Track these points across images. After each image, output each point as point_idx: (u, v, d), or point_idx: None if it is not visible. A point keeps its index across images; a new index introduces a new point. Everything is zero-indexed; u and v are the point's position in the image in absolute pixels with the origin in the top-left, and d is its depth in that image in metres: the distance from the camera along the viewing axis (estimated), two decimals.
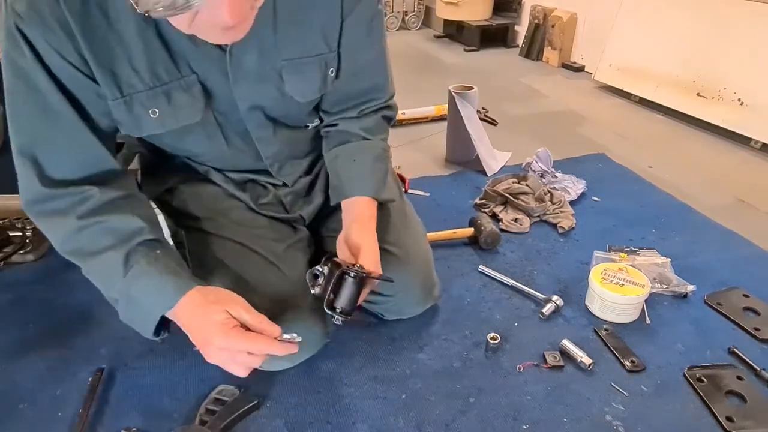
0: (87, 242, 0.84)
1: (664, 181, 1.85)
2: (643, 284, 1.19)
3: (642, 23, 2.59)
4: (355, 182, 1.05)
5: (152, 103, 0.84)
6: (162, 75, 0.82)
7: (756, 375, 1.06)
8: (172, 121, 0.87)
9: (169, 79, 0.83)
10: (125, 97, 0.82)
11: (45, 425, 0.94)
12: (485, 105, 2.39)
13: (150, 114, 0.84)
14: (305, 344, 0.90)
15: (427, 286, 1.16)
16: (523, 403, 1.00)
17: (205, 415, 0.93)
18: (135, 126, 0.85)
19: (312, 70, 0.94)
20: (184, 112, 0.87)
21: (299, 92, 0.95)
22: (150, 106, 0.84)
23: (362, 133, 1.06)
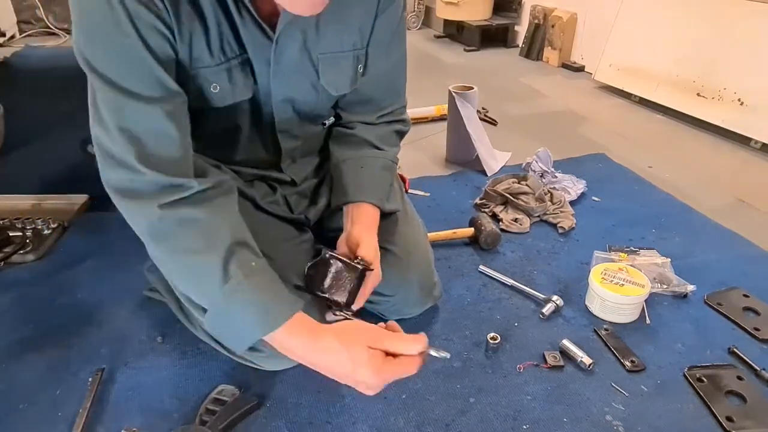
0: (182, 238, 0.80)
1: (664, 181, 1.85)
2: (643, 284, 1.20)
3: (642, 23, 2.59)
4: (360, 189, 1.06)
5: (215, 78, 0.86)
6: (227, 52, 0.85)
7: (756, 375, 1.06)
8: (229, 96, 0.90)
9: (231, 56, 0.86)
10: (193, 71, 0.84)
11: (45, 425, 0.94)
12: (485, 105, 2.39)
13: (212, 89, 0.87)
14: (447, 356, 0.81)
15: (427, 286, 1.16)
16: (523, 403, 1.00)
17: (205, 415, 0.93)
18: (195, 97, 0.87)
19: (346, 64, 0.98)
20: (240, 89, 0.90)
21: (333, 85, 0.98)
22: (213, 81, 0.87)
23: (375, 141, 1.09)
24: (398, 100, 1.12)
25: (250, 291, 0.78)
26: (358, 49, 0.98)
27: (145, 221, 0.81)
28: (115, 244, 1.41)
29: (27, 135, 2.04)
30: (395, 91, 1.11)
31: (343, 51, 0.96)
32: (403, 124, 1.15)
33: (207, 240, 0.80)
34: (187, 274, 0.82)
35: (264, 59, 0.89)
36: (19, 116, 2.11)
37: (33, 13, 3.65)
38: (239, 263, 0.79)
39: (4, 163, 1.87)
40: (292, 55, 0.91)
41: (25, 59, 3.12)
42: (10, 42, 3.48)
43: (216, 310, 0.80)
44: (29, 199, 1.59)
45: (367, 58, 1.01)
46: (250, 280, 0.79)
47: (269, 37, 0.86)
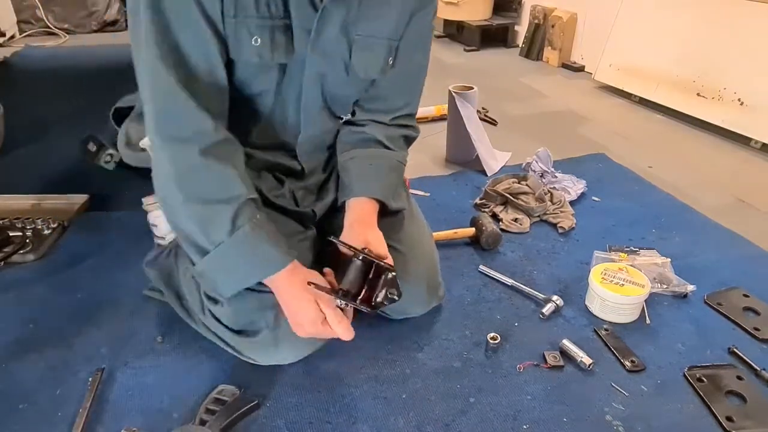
0: (203, 185, 0.89)
1: (664, 181, 1.85)
2: (643, 284, 1.20)
3: (642, 23, 2.59)
4: (365, 183, 1.07)
5: (258, 31, 0.89)
6: (273, 11, 0.89)
7: (756, 375, 1.06)
8: (267, 54, 0.91)
9: (277, 16, 0.89)
10: (238, 17, 0.87)
11: (45, 425, 0.94)
12: (485, 105, 2.39)
13: (252, 42, 0.89)
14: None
15: (432, 285, 1.16)
16: (523, 403, 1.00)
17: (205, 415, 0.93)
18: (236, 48, 0.90)
19: (379, 50, 1.01)
20: (279, 51, 0.92)
21: (362, 68, 1.01)
22: (254, 34, 0.89)
23: (385, 141, 1.10)
24: (411, 103, 1.14)
25: (255, 241, 0.90)
26: (393, 39, 1.01)
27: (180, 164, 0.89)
28: (115, 244, 1.41)
29: (27, 135, 2.04)
30: (411, 94, 1.13)
31: (379, 37, 0.99)
32: (413, 130, 1.17)
33: (224, 192, 0.90)
34: (198, 220, 0.90)
35: (305, 28, 0.92)
36: (19, 116, 2.11)
37: (33, 13, 3.65)
38: (247, 217, 0.89)
39: (4, 163, 1.87)
40: (333, 30, 0.94)
41: (25, 59, 3.12)
42: (10, 42, 3.48)
43: (220, 253, 0.90)
44: (29, 199, 1.59)
45: (398, 52, 1.03)
46: (255, 233, 0.90)
47: (315, 7, 0.90)
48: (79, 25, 3.75)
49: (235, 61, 0.93)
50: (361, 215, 1.05)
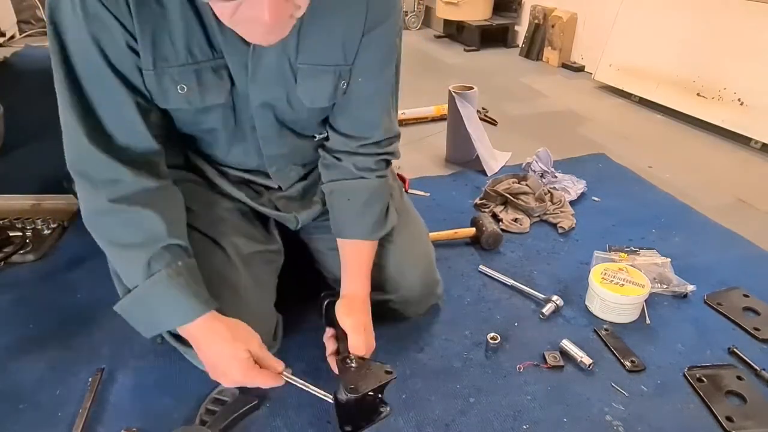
0: (112, 230, 0.87)
1: (664, 181, 1.85)
2: (643, 284, 1.20)
3: (642, 23, 2.59)
4: (348, 225, 1.05)
5: (182, 78, 0.86)
6: (196, 54, 0.84)
7: (756, 375, 1.06)
8: (197, 99, 0.88)
9: (202, 59, 0.85)
10: (157, 69, 0.83)
11: (45, 425, 0.94)
12: (485, 105, 2.40)
13: (178, 89, 0.86)
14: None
15: (428, 284, 1.16)
16: (523, 403, 1.00)
17: (205, 415, 0.93)
18: (162, 98, 0.87)
19: (326, 78, 0.95)
20: (211, 93, 0.89)
21: (309, 97, 0.95)
22: (179, 82, 0.86)
23: (361, 173, 1.04)
24: (377, 130, 1.04)
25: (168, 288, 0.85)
26: (341, 65, 0.94)
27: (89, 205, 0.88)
28: None
29: (27, 135, 2.04)
30: (374, 120, 1.03)
31: (324, 65, 0.93)
32: (389, 155, 1.08)
33: (137, 236, 0.86)
34: (116, 259, 0.90)
35: (241, 64, 0.87)
36: (19, 116, 2.11)
37: (33, 13, 3.65)
38: (164, 262, 0.85)
39: (4, 163, 1.87)
40: (271, 62, 0.89)
41: (25, 59, 3.12)
42: (10, 42, 3.48)
43: (134, 296, 0.87)
44: (29, 199, 1.59)
45: (351, 76, 0.96)
46: (172, 281, 0.85)
47: (246, 42, 0.84)
48: None
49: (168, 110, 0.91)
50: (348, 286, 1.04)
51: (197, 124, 0.96)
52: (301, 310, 1.20)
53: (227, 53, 0.86)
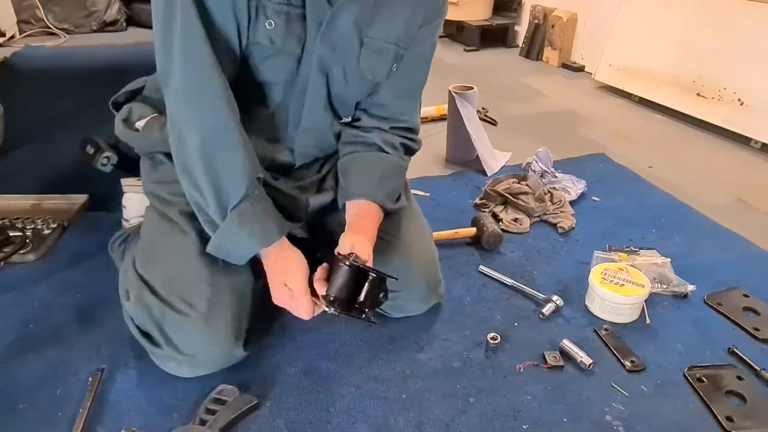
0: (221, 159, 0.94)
1: (664, 181, 1.85)
2: (643, 284, 1.19)
3: (642, 23, 2.59)
4: (362, 185, 1.07)
5: (273, 15, 0.92)
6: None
7: (756, 375, 1.06)
8: (279, 39, 0.94)
9: (296, 4, 0.93)
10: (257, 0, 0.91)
11: (45, 425, 0.94)
12: (485, 105, 2.39)
13: (266, 24, 0.93)
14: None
15: (431, 282, 1.16)
16: (523, 403, 1.00)
17: (205, 415, 0.93)
18: (252, 27, 0.93)
19: (387, 55, 1.03)
20: (292, 39, 0.95)
21: (370, 69, 1.03)
22: (270, 17, 0.92)
23: (384, 146, 1.12)
24: (410, 114, 1.15)
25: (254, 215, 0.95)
26: (400, 46, 1.04)
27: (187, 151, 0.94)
28: None
29: (27, 135, 2.04)
30: (409, 104, 1.15)
31: (388, 42, 1.02)
32: (414, 142, 1.18)
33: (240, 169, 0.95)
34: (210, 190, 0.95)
35: (317, 20, 0.94)
36: (19, 116, 2.11)
37: (33, 13, 3.65)
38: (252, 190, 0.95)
39: (4, 163, 1.87)
40: (344, 26, 0.96)
41: (25, 59, 3.12)
42: (10, 42, 3.48)
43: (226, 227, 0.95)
44: (29, 199, 1.59)
45: (402, 61, 1.06)
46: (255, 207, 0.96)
47: (330, 1, 0.93)
48: (79, 25, 3.75)
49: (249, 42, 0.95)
50: (355, 221, 1.06)
51: (259, 72, 1.00)
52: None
53: (309, 6, 0.93)
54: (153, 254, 1.04)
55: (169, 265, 1.01)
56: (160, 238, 1.05)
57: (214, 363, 1.01)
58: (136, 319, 1.00)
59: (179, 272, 1.00)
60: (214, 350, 0.99)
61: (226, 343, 0.99)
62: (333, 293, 0.93)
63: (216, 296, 0.98)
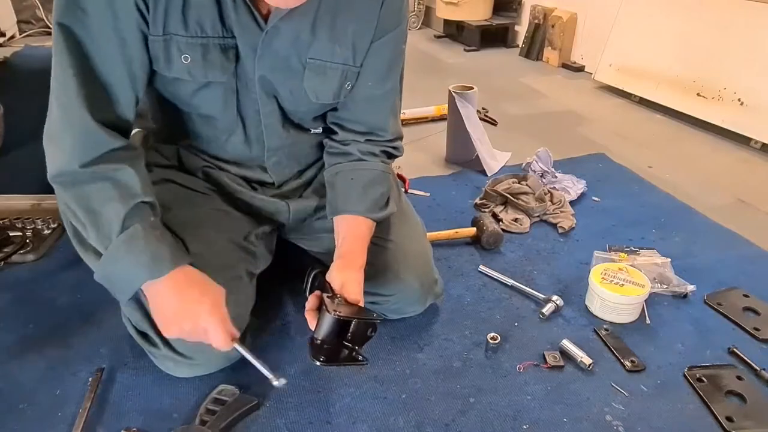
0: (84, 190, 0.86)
1: (664, 181, 1.85)
2: (643, 284, 1.19)
3: (642, 23, 2.59)
4: (347, 200, 1.06)
5: (187, 49, 0.88)
6: (206, 29, 0.87)
7: (756, 375, 1.06)
8: (200, 72, 0.90)
9: (211, 35, 0.87)
10: (166, 36, 0.85)
11: (45, 425, 0.94)
12: (485, 105, 2.39)
13: (182, 59, 0.88)
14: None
15: (426, 283, 1.15)
16: (523, 403, 1.00)
17: (205, 415, 0.93)
18: (166, 65, 0.89)
19: (333, 76, 0.98)
20: (214, 69, 0.90)
21: (314, 92, 0.99)
22: (184, 52, 0.88)
23: (364, 156, 1.08)
24: (385, 131, 1.09)
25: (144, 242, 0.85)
26: (349, 65, 0.98)
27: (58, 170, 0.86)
28: None
29: (27, 135, 2.03)
30: (380, 119, 1.08)
31: (333, 62, 0.97)
32: (395, 149, 1.13)
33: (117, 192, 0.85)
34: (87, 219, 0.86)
35: (251, 46, 0.90)
36: (19, 116, 2.11)
37: (33, 13, 3.65)
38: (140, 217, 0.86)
39: (4, 163, 1.87)
40: (281, 50, 0.92)
41: (25, 59, 3.11)
42: (10, 42, 3.47)
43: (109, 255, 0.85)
44: (29, 199, 1.59)
45: (358, 78, 1.01)
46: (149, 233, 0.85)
47: (260, 26, 0.88)
48: None
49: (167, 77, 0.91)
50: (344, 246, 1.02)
51: (196, 107, 0.96)
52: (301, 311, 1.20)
53: (238, 34, 0.88)
54: None
55: None
56: None
57: (212, 363, 1.01)
58: (132, 319, 1.00)
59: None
60: (211, 350, 0.98)
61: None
62: (320, 337, 0.90)
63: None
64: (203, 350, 0.97)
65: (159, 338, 0.96)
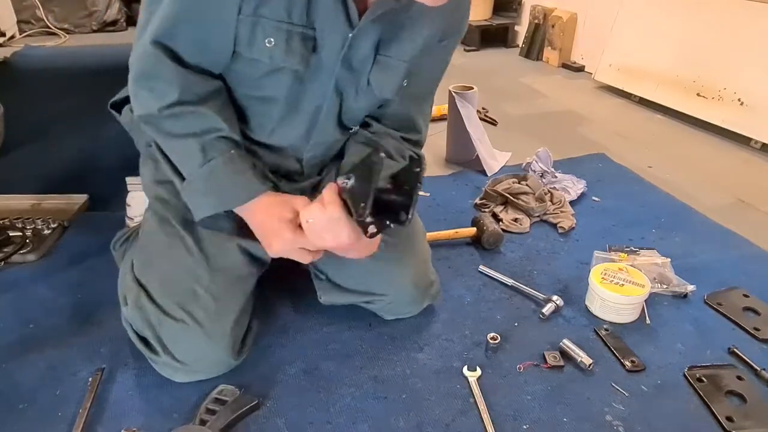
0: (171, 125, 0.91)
1: (664, 181, 1.85)
2: (643, 284, 1.19)
3: (642, 23, 2.59)
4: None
5: (273, 33, 0.88)
6: (293, 16, 0.88)
7: (756, 375, 1.06)
8: (279, 56, 0.91)
9: (297, 23, 0.88)
10: (255, 17, 0.86)
11: (45, 425, 0.94)
12: (485, 105, 2.39)
13: (266, 42, 0.89)
14: None
15: (421, 284, 1.15)
16: (523, 403, 1.00)
17: (205, 415, 0.93)
18: (247, 45, 0.89)
19: (397, 72, 1.00)
20: (292, 57, 0.91)
21: (379, 87, 1.00)
22: (269, 35, 0.89)
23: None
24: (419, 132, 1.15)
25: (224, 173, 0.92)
26: (412, 63, 1.01)
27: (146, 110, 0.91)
28: None
29: (27, 135, 2.04)
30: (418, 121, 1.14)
31: (401, 59, 0.99)
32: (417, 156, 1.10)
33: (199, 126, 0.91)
34: (172, 147, 0.94)
35: (336, 43, 0.91)
36: (19, 116, 2.11)
37: (33, 13, 3.65)
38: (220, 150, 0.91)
39: (4, 163, 1.87)
40: (363, 49, 0.94)
41: (25, 59, 3.12)
42: (10, 42, 3.47)
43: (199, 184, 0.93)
44: (29, 199, 1.59)
45: (413, 74, 1.03)
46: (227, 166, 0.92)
47: (351, 23, 0.89)
48: (79, 25, 3.76)
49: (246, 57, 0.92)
50: None
51: (259, 88, 0.97)
52: (301, 311, 1.20)
53: (321, 28, 0.90)
54: (150, 258, 1.04)
55: (167, 270, 1.00)
56: (158, 242, 1.04)
57: (211, 371, 1.01)
58: (134, 325, 1.00)
59: (177, 278, 0.99)
60: (211, 359, 0.99)
61: (224, 352, 0.99)
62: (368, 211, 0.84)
63: (214, 304, 0.98)
64: (202, 358, 0.98)
65: (159, 345, 0.97)
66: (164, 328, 0.96)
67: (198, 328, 0.96)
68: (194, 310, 0.97)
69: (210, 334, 0.97)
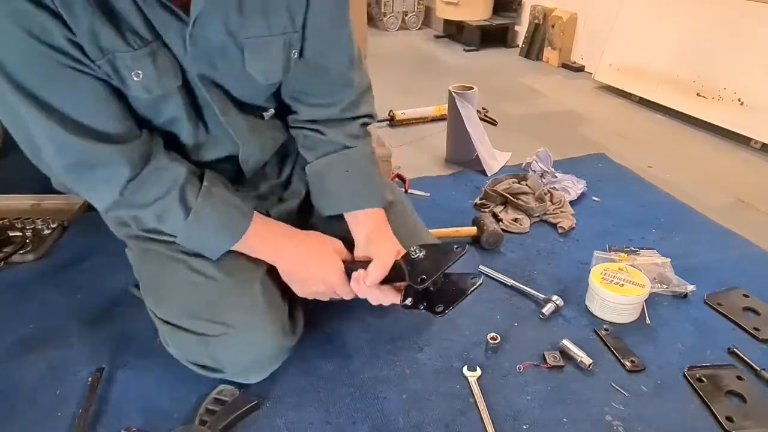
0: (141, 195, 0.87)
1: (664, 181, 1.85)
2: (643, 284, 1.19)
3: (642, 23, 2.59)
4: (359, 196, 1.03)
5: (136, 64, 0.79)
6: (146, 36, 0.78)
7: (756, 375, 1.06)
8: (155, 85, 0.82)
9: (152, 39, 0.79)
10: (107, 56, 0.77)
11: (45, 425, 0.94)
12: (485, 105, 2.39)
13: (133, 77, 0.80)
14: None
15: None
16: (523, 403, 1.00)
17: (205, 415, 0.93)
18: (122, 84, 0.81)
19: (277, 49, 0.89)
20: (167, 76, 0.83)
21: (262, 73, 0.90)
22: (134, 68, 0.79)
23: (347, 141, 1.03)
24: (350, 87, 1.00)
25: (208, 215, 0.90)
26: (289, 32, 0.89)
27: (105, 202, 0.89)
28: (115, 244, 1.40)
29: None
30: (343, 79, 0.99)
31: (272, 35, 0.87)
32: (369, 116, 1.06)
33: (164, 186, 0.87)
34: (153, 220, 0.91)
35: (179, 40, 0.81)
36: None
37: None
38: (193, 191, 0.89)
39: (4, 163, 1.87)
40: (213, 39, 0.82)
41: None
42: None
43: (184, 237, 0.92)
44: (29, 199, 1.59)
45: (304, 42, 0.92)
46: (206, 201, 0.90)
47: (182, 19, 0.78)
48: None
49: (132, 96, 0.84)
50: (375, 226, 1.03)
51: (157, 116, 0.89)
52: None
53: (163, 31, 0.79)
54: (159, 293, 1.00)
55: (179, 297, 0.97)
56: (155, 273, 1.01)
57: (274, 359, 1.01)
58: (189, 359, 0.98)
59: (192, 299, 0.96)
60: (266, 350, 0.98)
61: (273, 339, 0.98)
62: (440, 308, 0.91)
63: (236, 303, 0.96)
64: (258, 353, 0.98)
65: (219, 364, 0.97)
66: (211, 348, 0.95)
67: (236, 331, 0.94)
68: (224, 318, 0.94)
69: (250, 331, 0.95)
